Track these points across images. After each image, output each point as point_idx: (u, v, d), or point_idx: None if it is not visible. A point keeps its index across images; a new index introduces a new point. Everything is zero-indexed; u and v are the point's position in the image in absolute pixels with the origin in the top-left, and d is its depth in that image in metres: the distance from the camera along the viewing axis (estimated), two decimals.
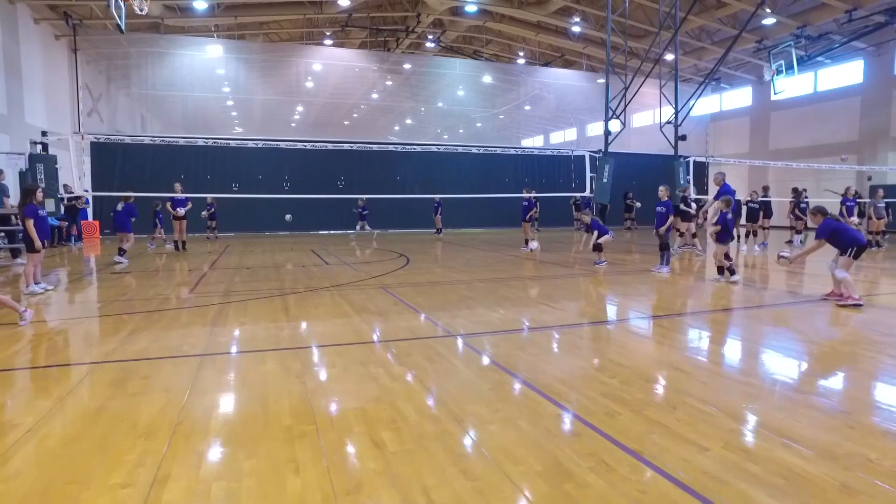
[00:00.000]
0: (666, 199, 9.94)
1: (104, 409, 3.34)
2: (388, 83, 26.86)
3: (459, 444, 2.86)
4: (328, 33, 26.54)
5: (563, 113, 33.40)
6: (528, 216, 14.32)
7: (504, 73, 28.44)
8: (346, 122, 29.00)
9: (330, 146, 20.90)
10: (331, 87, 25.76)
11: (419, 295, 7.56)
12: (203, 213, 17.04)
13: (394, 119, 29.61)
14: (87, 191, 16.02)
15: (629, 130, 34.10)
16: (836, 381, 4.11)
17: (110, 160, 19.31)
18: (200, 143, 17.73)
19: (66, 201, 14.45)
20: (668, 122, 14.87)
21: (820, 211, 6.95)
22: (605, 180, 12.79)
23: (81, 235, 16.64)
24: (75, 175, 9.86)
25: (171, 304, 6.85)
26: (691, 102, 17.90)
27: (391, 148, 23.73)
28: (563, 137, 41.76)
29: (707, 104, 27.76)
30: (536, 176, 24.47)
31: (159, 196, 14.62)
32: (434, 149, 24.55)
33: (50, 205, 9.51)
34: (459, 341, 5.05)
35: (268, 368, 4.19)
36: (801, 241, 15.63)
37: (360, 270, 10.29)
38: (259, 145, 20.16)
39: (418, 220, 22.52)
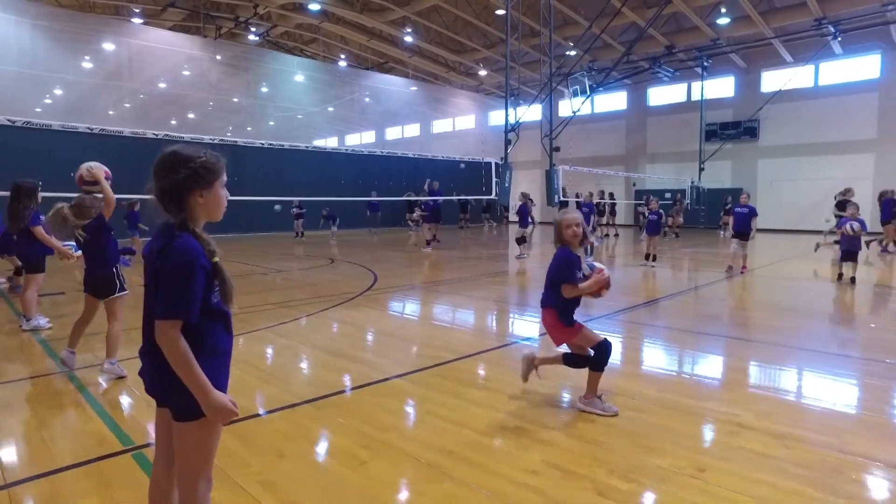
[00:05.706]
0: (590, 202, 12.20)
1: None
2: (186, 73, 24.36)
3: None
4: (137, 10, 22.94)
5: (369, 115, 34.54)
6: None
7: (319, 73, 27.98)
8: (110, 112, 24.80)
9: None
10: (119, 68, 21.96)
11: (492, 292, 8.17)
12: None
13: (181, 109, 26.54)
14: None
15: (431, 136, 37.35)
16: None
17: None
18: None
19: None
20: (547, 136, 17.47)
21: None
22: (507, 185, 14.70)
23: None
24: None
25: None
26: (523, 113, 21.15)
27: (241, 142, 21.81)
28: (359, 140, 43.02)
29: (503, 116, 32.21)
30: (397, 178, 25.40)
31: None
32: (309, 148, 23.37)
33: None
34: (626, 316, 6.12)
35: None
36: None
37: (343, 275, 10.11)
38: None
39: (261, 222, 21.27)
